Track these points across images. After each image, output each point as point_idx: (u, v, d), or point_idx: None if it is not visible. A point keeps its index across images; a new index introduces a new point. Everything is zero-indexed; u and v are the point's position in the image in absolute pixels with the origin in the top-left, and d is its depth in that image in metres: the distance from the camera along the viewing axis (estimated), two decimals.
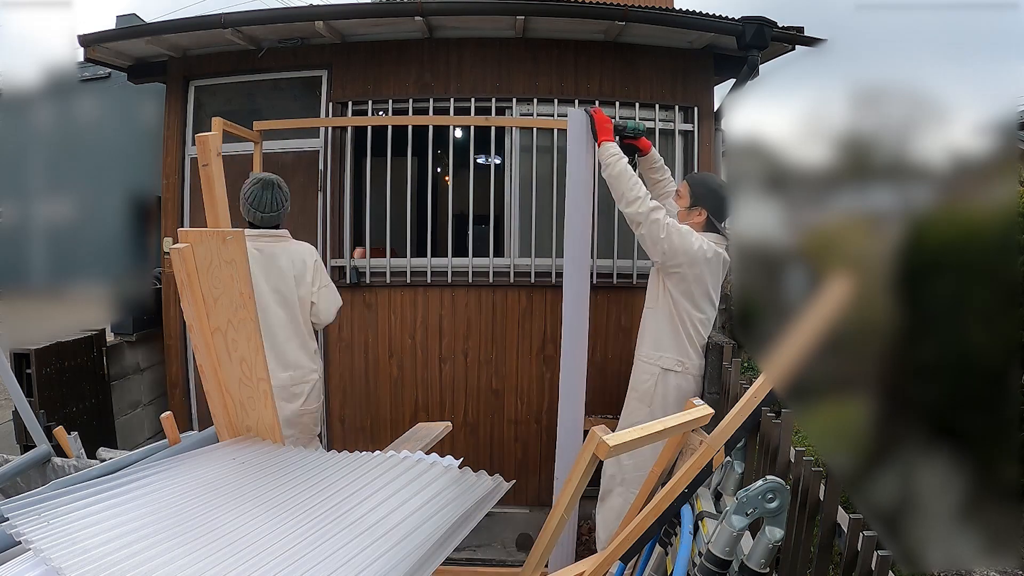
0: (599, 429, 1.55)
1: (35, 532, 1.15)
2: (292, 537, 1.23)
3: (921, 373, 0.81)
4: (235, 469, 1.56)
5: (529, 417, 3.81)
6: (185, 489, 1.40)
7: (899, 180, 0.81)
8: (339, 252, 3.81)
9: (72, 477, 1.62)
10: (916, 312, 0.79)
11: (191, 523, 1.25)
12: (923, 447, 0.80)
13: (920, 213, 0.79)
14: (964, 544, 0.78)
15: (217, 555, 1.14)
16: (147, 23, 4.28)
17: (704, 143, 3.86)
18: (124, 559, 1.10)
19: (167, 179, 3.99)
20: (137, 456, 1.70)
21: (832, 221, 0.91)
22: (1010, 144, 0.73)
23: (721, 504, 1.99)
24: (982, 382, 0.76)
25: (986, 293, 0.75)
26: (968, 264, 0.76)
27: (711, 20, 3.49)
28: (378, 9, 3.66)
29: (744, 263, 1.59)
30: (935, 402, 0.80)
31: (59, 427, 2.24)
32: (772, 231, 0.99)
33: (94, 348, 3.65)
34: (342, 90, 3.80)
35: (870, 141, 0.84)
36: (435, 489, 1.47)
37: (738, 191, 1.06)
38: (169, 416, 1.88)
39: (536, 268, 3.77)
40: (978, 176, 0.76)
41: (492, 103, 3.74)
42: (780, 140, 0.95)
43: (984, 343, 0.75)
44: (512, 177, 3.78)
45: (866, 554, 1.45)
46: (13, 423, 3.03)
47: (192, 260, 1.68)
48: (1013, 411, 0.74)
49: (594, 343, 3.70)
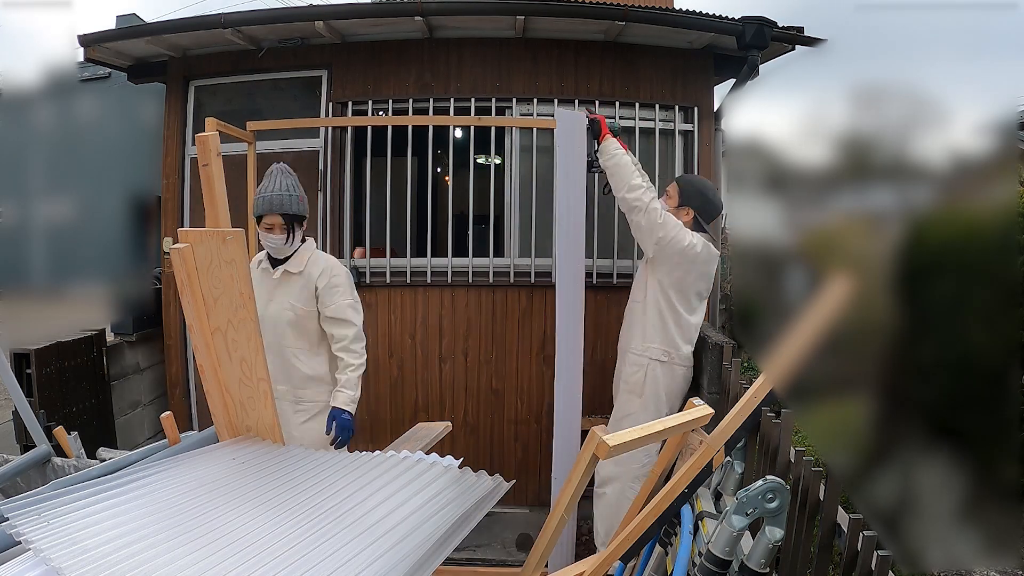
0: (599, 429, 1.55)
1: (35, 532, 1.15)
2: (292, 537, 1.23)
3: (921, 373, 0.81)
4: (235, 469, 1.56)
5: (529, 417, 3.81)
6: (185, 489, 1.40)
7: (899, 180, 0.81)
8: (339, 252, 3.81)
9: (72, 477, 1.62)
10: (916, 312, 0.79)
11: (191, 523, 1.25)
12: (923, 447, 0.80)
13: (920, 213, 0.79)
14: (964, 544, 0.78)
15: (217, 555, 1.15)
16: (147, 23, 4.28)
17: (704, 143, 3.86)
18: (124, 559, 1.10)
19: (167, 179, 3.99)
20: (137, 456, 1.70)
21: (832, 221, 0.91)
22: (1010, 144, 0.73)
23: (721, 504, 1.98)
24: (982, 382, 0.76)
25: (986, 293, 0.75)
26: (968, 264, 0.76)
27: (711, 20, 3.49)
28: (378, 9, 3.66)
29: (744, 263, 1.59)
30: (935, 402, 0.80)
31: (59, 427, 2.24)
32: (772, 231, 0.99)
33: (94, 348, 3.65)
34: (342, 90, 3.80)
35: (870, 141, 0.84)
36: (435, 489, 1.47)
37: (737, 191, 1.06)
38: (169, 416, 1.88)
39: (536, 268, 3.77)
40: (978, 176, 0.76)
41: (492, 103, 3.74)
42: (780, 140, 0.95)
43: (984, 343, 0.75)
44: (512, 177, 3.78)
45: (866, 554, 1.45)
46: (13, 423, 3.03)
47: (192, 260, 1.68)
48: (1013, 411, 0.74)
49: (594, 343, 3.70)
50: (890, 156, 0.82)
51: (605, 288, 3.76)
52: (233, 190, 3.58)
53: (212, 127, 3.06)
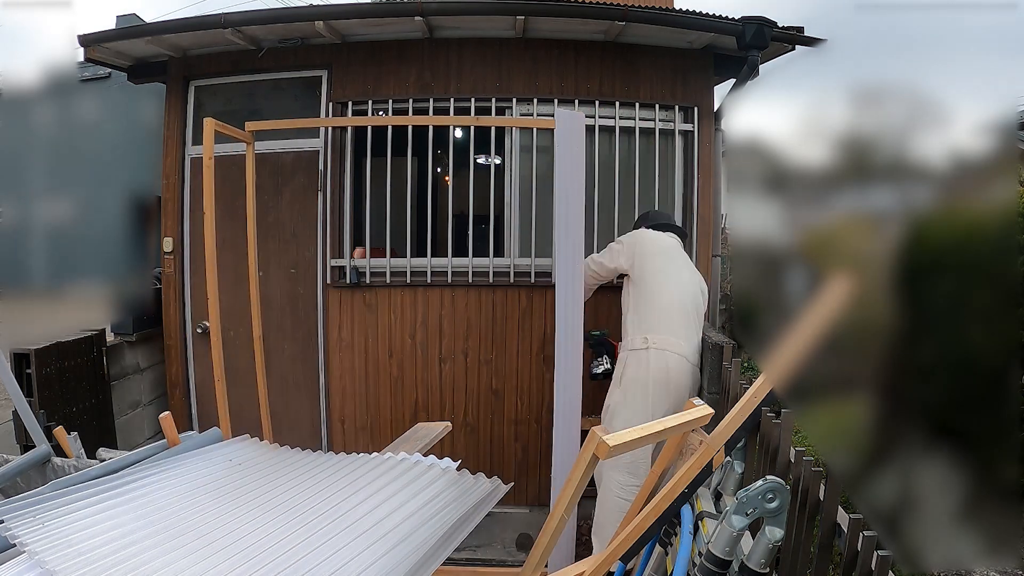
0: (599, 429, 1.55)
1: (30, 535, 1.15)
2: (289, 540, 1.23)
3: (921, 373, 0.81)
4: (232, 471, 1.56)
5: (529, 417, 3.81)
6: (182, 491, 1.40)
7: (899, 180, 0.81)
8: (339, 252, 3.81)
9: (71, 477, 1.62)
10: (916, 312, 0.79)
11: (186, 525, 1.25)
12: (923, 447, 0.80)
13: (920, 213, 0.79)
14: (964, 544, 0.78)
15: (213, 558, 1.14)
16: (147, 23, 4.27)
17: (704, 143, 3.86)
18: (119, 562, 1.10)
19: (167, 179, 3.99)
20: (135, 457, 1.70)
21: (832, 221, 0.91)
22: (1010, 144, 0.73)
23: (721, 504, 1.98)
24: (982, 382, 0.76)
25: (986, 293, 0.75)
26: (968, 264, 0.76)
27: (711, 20, 3.49)
28: (378, 9, 3.65)
29: (744, 263, 1.58)
30: (935, 402, 0.80)
31: (59, 427, 2.24)
32: (772, 231, 0.99)
33: (94, 348, 3.65)
34: (342, 90, 3.80)
35: (870, 141, 0.84)
36: (433, 491, 1.46)
37: (738, 191, 1.05)
38: (167, 416, 1.87)
39: (536, 268, 3.77)
40: (978, 176, 0.76)
41: (492, 103, 3.74)
42: (780, 140, 0.95)
43: (984, 343, 0.75)
44: (512, 177, 3.78)
45: (866, 554, 1.44)
46: (13, 423, 3.03)
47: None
48: (1013, 411, 0.74)
49: None
50: (890, 156, 0.82)
51: (605, 288, 3.75)
52: (233, 190, 3.60)
53: (210, 127, 3.07)
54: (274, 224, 3.89)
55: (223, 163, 3.77)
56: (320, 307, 3.85)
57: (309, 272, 3.88)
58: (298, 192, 3.89)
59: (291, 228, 3.90)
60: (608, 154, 3.80)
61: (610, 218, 3.77)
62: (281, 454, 1.70)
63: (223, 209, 3.47)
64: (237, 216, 3.52)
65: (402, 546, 1.24)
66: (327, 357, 3.85)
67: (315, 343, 3.88)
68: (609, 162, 3.80)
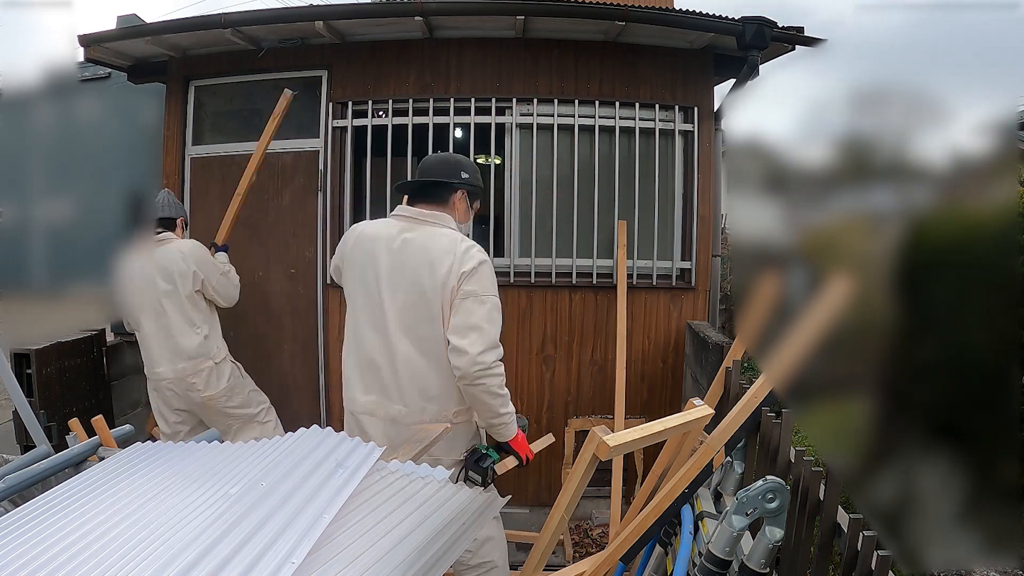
0: (599, 429, 1.55)
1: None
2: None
3: (921, 373, 0.81)
4: (166, 483, 1.39)
5: (529, 417, 3.80)
6: (123, 505, 1.28)
7: (899, 180, 0.81)
8: None
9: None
10: (916, 312, 0.79)
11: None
12: (923, 447, 0.80)
13: (920, 213, 0.79)
14: (964, 544, 0.78)
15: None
16: (147, 23, 4.27)
17: (704, 143, 3.86)
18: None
19: (167, 179, 3.99)
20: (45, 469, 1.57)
21: (832, 221, 0.91)
22: (1010, 144, 0.73)
23: (721, 504, 1.99)
24: (982, 382, 0.76)
25: (986, 293, 0.75)
26: (968, 264, 0.76)
27: (711, 20, 3.49)
28: (378, 9, 3.65)
29: (744, 263, 1.59)
30: (935, 402, 0.80)
31: (74, 419, 2.20)
32: (772, 231, 0.99)
33: (94, 348, 3.65)
34: (342, 90, 3.80)
35: (870, 141, 0.84)
36: (428, 509, 1.35)
37: (737, 191, 1.06)
38: (100, 419, 1.83)
39: (536, 268, 3.77)
40: (978, 176, 0.76)
41: (492, 103, 3.74)
42: (780, 140, 0.95)
43: (984, 343, 0.75)
44: (512, 177, 3.77)
45: (866, 554, 1.45)
46: (13, 423, 3.03)
47: None
48: (1013, 411, 0.74)
49: (594, 343, 3.70)
50: (890, 156, 0.82)
51: (605, 288, 3.76)
52: (233, 190, 3.59)
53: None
54: (274, 224, 3.89)
55: (223, 163, 3.78)
56: (320, 307, 3.86)
57: (309, 272, 3.88)
58: (298, 192, 3.89)
59: (291, 228, 3.90)
60: (608, 154, 3.80)
61: (610, 218, 3.77)
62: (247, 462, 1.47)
63: (223, 209, 3.48)
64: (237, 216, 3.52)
65: (396, 570, 1.14)
66: (327, 357, 3.84)
67: (315, 343, 3.89)
68: (609, 162, 3.79)
